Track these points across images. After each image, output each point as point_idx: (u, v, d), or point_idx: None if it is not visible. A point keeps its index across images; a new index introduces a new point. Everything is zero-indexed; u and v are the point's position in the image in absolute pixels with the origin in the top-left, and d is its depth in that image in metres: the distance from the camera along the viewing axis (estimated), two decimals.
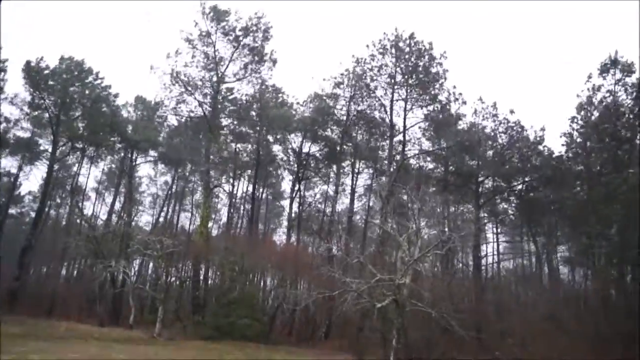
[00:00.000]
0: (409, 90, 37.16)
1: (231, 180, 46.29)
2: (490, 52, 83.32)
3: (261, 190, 48.08)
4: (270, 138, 44.43)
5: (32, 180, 59.04)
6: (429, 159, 41.28)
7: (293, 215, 43.42)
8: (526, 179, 38.32)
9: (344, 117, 41.03)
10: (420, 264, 27.16)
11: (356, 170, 43.59)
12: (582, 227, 30.83)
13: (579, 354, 22.29)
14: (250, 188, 45.28)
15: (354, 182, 43.01)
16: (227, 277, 32.38)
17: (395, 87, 37.15)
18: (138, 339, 25.06)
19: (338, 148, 41.95)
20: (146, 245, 31.27)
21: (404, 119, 37.16)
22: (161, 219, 48.23)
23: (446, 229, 31.45)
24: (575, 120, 33.77)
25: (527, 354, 22.55)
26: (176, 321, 31.43)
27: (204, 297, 34.28)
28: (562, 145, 35.13)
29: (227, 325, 28.34)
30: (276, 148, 45.45)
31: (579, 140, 34.11)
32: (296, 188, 43.66)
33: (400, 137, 37.91)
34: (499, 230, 44.02)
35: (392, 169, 37.03)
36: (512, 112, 36.76)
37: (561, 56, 78.08)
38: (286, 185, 47.75)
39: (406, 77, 36.81)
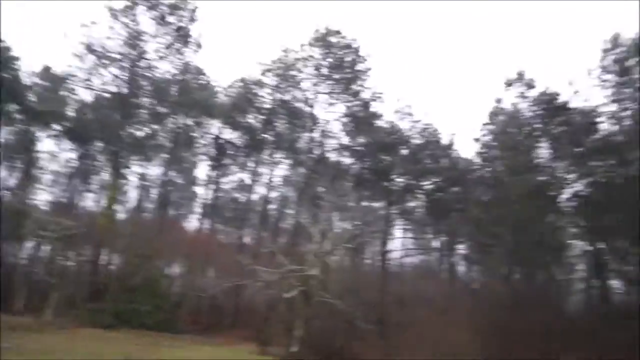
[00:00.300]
0: (332, 85, 37.74)
1: (143, 162, 44.12)
2: (413, 56, 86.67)
3: (174, 174, 46.38)
4: (189, 121, 42.89)
5: None
6: (346, 154, 42.18)
7: (207, 202, 42.42)
8: (435, 180, 40.49)
9: (268, 106, 40.65)
10: (330, 256, 27.85)
11: (274, 160, 43.40)
12: (480, 227, 33.19)
13: (467, 343, 24.11)
14: (163, 171, 43.50)
15: (272, 172, 42.86)
16: (131, 262, 30.93)
17: (320, 80, 37.56)
18: (26, 326, 23.23)
19: (259, 136, 41.49)
20: (43, 225, 29.02)
21: (326, 112, 37.78)
22: (63, 199, 44.86)
23: (358, 224, 32.33)
24: (486, 127, 36.23)
25: (422, 342, 23.92)
26: (72, 307, 29.52)
27: (104, 282, 32.47)
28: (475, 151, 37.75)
29: (128, 312, 27.16)
30: (194, 132, 43.96)
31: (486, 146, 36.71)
32: (212, 174, 42.64)
33: (321, 130, 38.45)
34: (406, 227, 46.06)
35: (310, 162, 37.42)
36: (426, 114, 38.77)
37: (481, 65, 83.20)
38: (202, 171, 46.30)
39: (332, 71, 37.33)
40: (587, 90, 30.90)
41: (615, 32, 30.41)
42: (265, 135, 41.65)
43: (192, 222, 45.60)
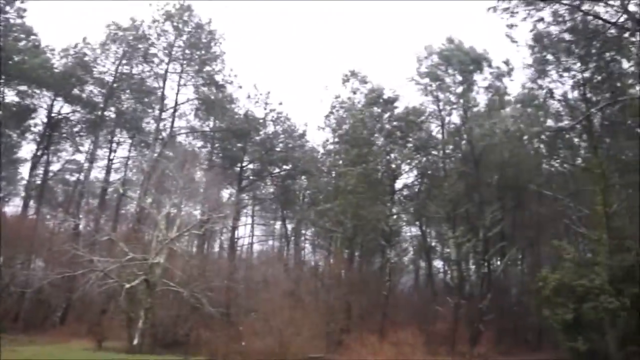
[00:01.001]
0: (185, 65, 36.08)
1: None
2: (272, 48, 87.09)
3: None
4: (13, 91, 36.65)
5: None
6: (197, 137, 40.82)
7: (32, 184, 37.21)
8: (286, 167, 41.59)
9: (111, 79, 36.82)
10: (177, 243, 26.85)
11: (116, 140, 39.87)
12: (326, 213, 35.09)
13: (312, 323, 25.50)
14: None
15: (113, 153, 39.36)
16: None
17: (172, 58, 35.58)
18: None
19: (99, 112, 37.45)
20: None
21: (177, 93, 35.98)
22: None
23: (206, 210, 31.64)
24: (328, 119, 38.00)
25: (268, 326, 24.57)
26: None
27: None
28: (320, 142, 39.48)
29: None
30: (19, 104, 37.83)
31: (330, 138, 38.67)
32: (39, 153, 37.45)
33: (171, 111, 36.49)
34: (255, 213, 46.63)
35: (157, 143, 35.36)
36: (280, 103, 39.45)
37: (331, 60, 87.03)
38: (27, 149, 40.05)
39: (185, 50, 35.65)
40: (412, 92, 34.68)
41: (427, 43, 34.63)
42: (107, 112, 37.90)
43: (15, 207, 39.61)
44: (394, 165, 35.53)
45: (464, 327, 28.65)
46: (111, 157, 39.05)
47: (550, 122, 30.28)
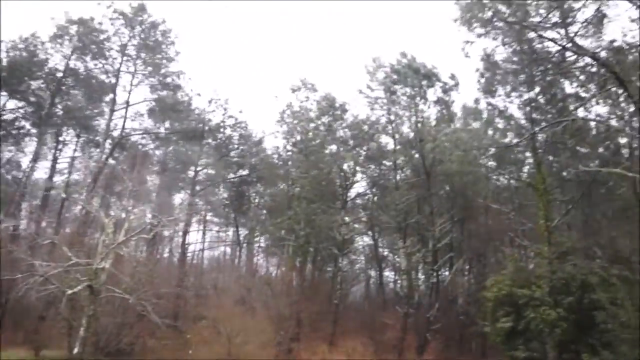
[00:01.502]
0: (140, 64, 35.16)
1: None
2: (233, 56, 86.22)
3: None
4: None
5: None
6: (151, 139, 39.73)
7: None
8: (242, 174, 41.23)
9: (60, 75, 35.22)
10: (124, 247, 25.95)
11: (62, 138, 38.06)
12: (278, 221, 35.03)
13: (262, 331, 25.29)
14: None
15: (59, 152, 37.58)
16: None
17: (127, 57, 34.60)
18: None
19: (45, 109, 35.62)
20: None
21: (129, 92, 34.97)
22: None
23: (157, 214, 30.85)
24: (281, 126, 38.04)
25: (217, 334, 24.16)
26: None
27: None
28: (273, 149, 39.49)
29: None
30: None
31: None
32: None
33: (123, 111, 35.37)
34: (207, 218, 45.80)
35: (107, 144, 34.18)
36: (240, 112, 39.39)
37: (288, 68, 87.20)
38: None
39: (139, 50, 34.76)
40: (363, 103, 35.44)
41: (376, 56, 35.56)
42: (55, 109, 36.16)
43: None
44: (346, 174, 36.00)
45: (412, 336, 29.26)
46: (57, 155, 37.26)
47: (497, 138, 31.71)
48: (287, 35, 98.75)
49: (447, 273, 34.47)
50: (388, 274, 43.08)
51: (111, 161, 31.68)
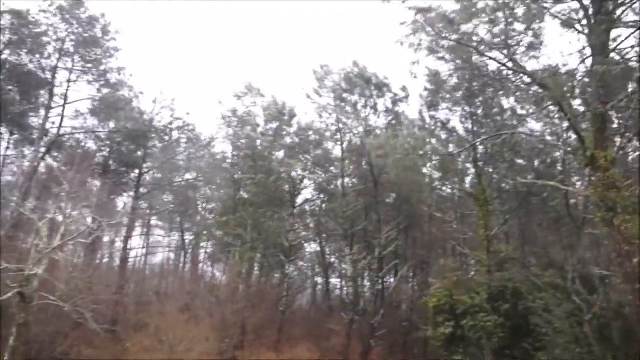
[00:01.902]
0: (78, 60, 33.64)
1: None
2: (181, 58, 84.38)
3: None
4: None
5: None
6: (92, 139, 37.98)
7: None
8: (188, 177, 40.25)
9: None
10: (59, 252, 24.63)
11: None
12: (224, 227, 34.47)
13: (206, 339, 24.71)
14: None
15: None
16: None
17: (64, 52, 32.95)
18: None
19: None
20: None
21: (67, 89, 33.36)
22: None
23: (97, 217, 29.53)
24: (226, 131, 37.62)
25: (158, 342, 23.38)
26: None
27: None
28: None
29: None
30: None
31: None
32: None
33: (61, 109, 33.63)
34: (152, 223, 44.38)
35: (43, 142, 32.39)
36: (188, 114, 38.37)
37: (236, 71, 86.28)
38: None
39: (77, 45, 33.24)
40: (311, 109, 36.01)
41: (325, 63, 36.27)
42: None
43: None
44: (295, 180, 36.02)
45: (357, 342, 29.59)
46: None
47: (441, 149, 32.94)
48: (236, 38, 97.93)
49: (392, 280, 35.20)
50: (334, 280, 43.37)
51: (49, 161, 29.97)
